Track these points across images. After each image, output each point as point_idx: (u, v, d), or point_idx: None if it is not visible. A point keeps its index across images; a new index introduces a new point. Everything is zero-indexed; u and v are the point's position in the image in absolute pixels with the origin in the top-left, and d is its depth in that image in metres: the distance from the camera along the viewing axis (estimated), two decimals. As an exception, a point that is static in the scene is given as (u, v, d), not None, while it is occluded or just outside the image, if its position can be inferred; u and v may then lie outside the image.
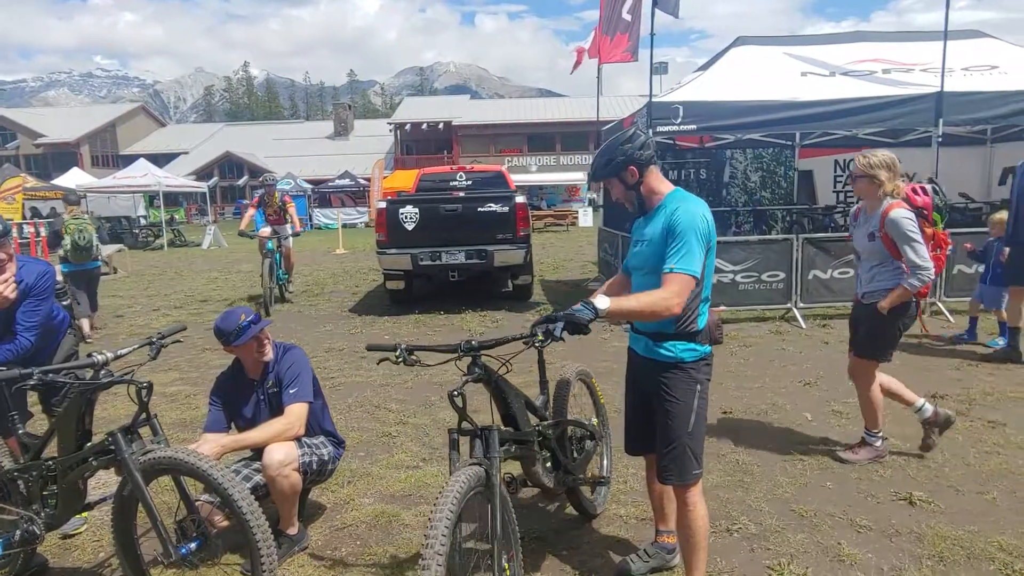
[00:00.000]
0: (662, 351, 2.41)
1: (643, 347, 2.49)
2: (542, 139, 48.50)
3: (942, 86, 6.97)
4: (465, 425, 2.36)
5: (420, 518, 3.32)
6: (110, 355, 2.48)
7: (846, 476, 3.64)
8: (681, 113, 6.84)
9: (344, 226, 25.49)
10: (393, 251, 8.44)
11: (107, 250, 14.80)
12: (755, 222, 10.83)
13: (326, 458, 3.02)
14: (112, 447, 2.44)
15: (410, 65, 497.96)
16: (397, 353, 2.40)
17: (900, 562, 2.80)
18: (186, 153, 53.32)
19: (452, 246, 8.43)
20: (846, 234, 9.39)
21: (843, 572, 2.74)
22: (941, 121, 7.03)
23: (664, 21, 9.32)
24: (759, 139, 10.25)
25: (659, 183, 2.43)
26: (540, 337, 2.11)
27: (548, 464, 2.82)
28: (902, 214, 3.54)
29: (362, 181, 37.48)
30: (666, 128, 6.94)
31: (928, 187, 3.74)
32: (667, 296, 2.18)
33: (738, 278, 7.29)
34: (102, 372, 2.46)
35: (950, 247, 3.77)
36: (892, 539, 2.99)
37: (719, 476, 3.67)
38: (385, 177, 37.27)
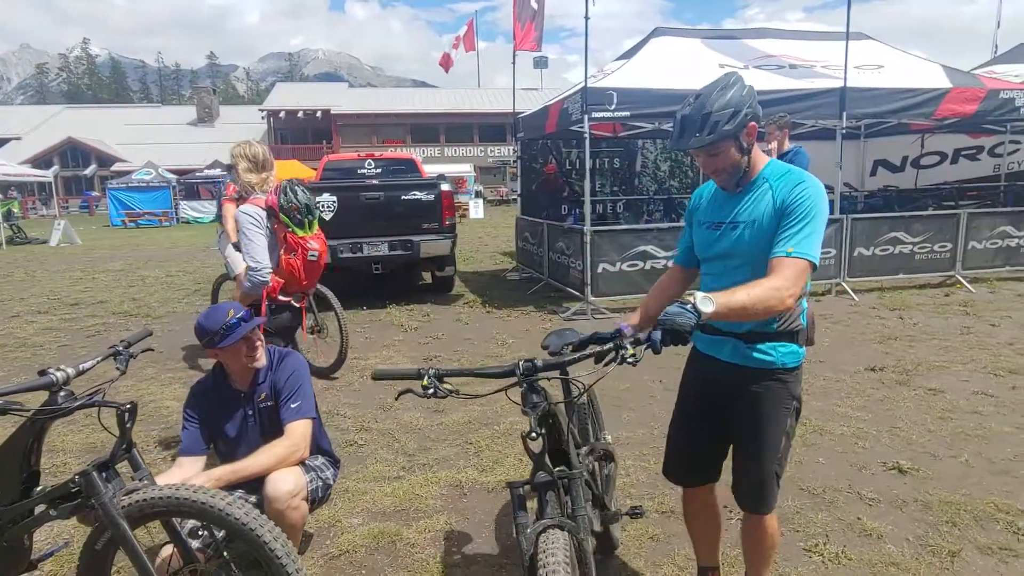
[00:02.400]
0: (757, 355, 1.98)
1: (729, 352, 2.03)
2: (425, 130, 47.70)
3: (845, 81, 7.49)
4: (540, 475, 1.78)
5: (425, 535, 2.98)
6: (71, 371, 1.93)
7: (832, 450, 3.74)
8: (615, 99, 6.82)
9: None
10: (309, 243, 7.76)
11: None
12: (665, 210, 11.21)
13: (330, 482, 2.60)
14: (78, 489, 1.90)
15: (276, 50, 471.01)
16: (426, 381, 1.73)
17: (921, 531, 2.87)
18: (18, 139, 46.91)
19: (374, 237, 7.91)
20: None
21: (875, 546, 2.77)
22: (845, 114, 7.56)
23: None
24: (668, 130, 10.55)
25: (758, 149, 1.98)
26: (632, 350, 1.60)
27: (590, 501, 2.27)
28: (245, 209, 3.39)
29: (235, 171, 34.82)
30: (601, 114, 6.90)
31: (286, 186, 3.41)
32: (781, 285, 1.75)
33: (669, 263, 7.42)
34: (61, 394, 1.91)
35: (312, 253, 3.46)
36: (903, 509, 3.07)
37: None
38: (261, 167, 34.82)
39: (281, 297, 3.47)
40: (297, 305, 3.57)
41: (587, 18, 6.71)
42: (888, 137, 11.65)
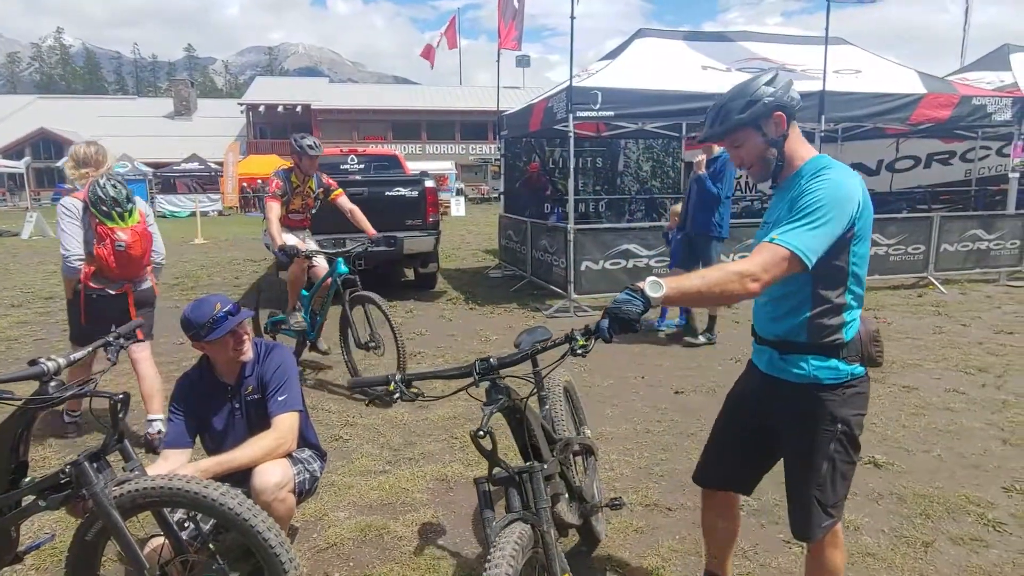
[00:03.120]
0: (790, 368, 1.87)
1: (766, 362, 1.95)
2: (407, 127, 47.54)
3: (824, 85, 7.64)
4: (497, 471, 1.86)
5: (412, 528, 3.01)
6: (62, 361, 1.92)
7: (810, 446, 3.82)
8: (600, 99, 6.88)
9: (194, 214, 23.09)
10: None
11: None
12: (646, 210, 11.33)
13: (318, 474, 2.61)
14: (68, 480, 1.89)
15: (255, 44, 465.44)
16: (392, 387, 1.84)
17: (896, 523, 2.97)
18: (-12, 129, 45.73)
19: (357, 232, 7.87)
20: (751, 220, 10.11)
21: (852, 537, 2.85)
22: (823, 117, 7.70)
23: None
24: (650, 130, 10.67)
25: (801, 143, 1.88)
26: (582, 341, 1.64)
27: (566, 495, 2.33)
28: (63, 202, 3.68)
29: (213, 165, 34.34)
30: (585, 113, 6.95)
31: (95, 181, 3.62)
32: (746, 271, 1.64)
33: (652, 262, 7.53)
34: (52, 383, 1.90)
35: (119, 243, 3.58)
36: (879, 502, 3.17)
37: (698, 455, 3.69)
38: (240, 161, 34.49)
39: (93, 284, 3.66)
40: (114, 293, 3.69)
41: (572, 17, 6.76)
42: (864, 141, 11.89)
